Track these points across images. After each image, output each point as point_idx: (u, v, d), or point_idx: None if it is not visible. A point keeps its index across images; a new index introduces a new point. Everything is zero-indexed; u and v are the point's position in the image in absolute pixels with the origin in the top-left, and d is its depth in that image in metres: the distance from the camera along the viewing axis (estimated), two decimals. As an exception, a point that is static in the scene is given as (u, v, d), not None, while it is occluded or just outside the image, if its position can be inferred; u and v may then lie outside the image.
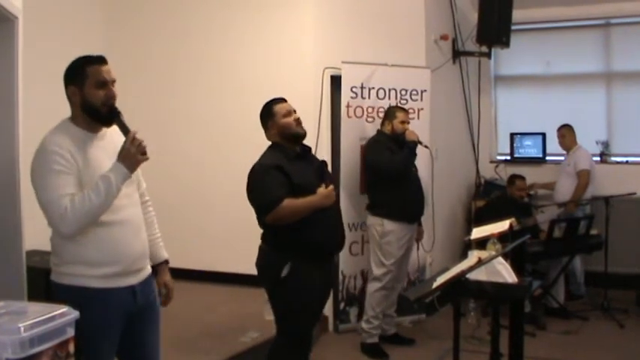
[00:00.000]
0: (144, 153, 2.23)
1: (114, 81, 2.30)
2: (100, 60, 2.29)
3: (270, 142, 3.22)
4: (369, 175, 4.58)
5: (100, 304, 2.23)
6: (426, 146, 4.51)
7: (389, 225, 4.39)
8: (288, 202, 2.94)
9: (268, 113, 3.17)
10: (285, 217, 2.96)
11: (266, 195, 2.97)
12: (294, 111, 3.17)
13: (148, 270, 2.45)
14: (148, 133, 2.34)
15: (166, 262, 2.61)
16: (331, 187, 3.06)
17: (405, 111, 4.57)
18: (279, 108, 3.15)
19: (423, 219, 4.71)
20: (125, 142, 2.23)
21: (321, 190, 3.02)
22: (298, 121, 3.15)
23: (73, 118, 2.31)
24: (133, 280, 2.33)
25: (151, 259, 2.52)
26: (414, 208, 4.51)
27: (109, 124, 2.32)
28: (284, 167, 3.00)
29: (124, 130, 2.27)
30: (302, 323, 3.13)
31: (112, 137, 2.35)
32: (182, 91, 5.65)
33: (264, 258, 3.13)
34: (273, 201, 2.94)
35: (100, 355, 2.27)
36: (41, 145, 2.22)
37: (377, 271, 4.47)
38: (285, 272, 2.98)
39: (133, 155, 2.21)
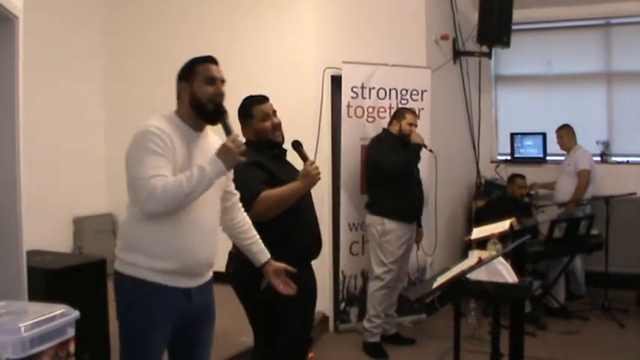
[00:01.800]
0: (242, 154, 2.25)
1: (223, 80, 2.34)
2: (210, 59, 2.37)
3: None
4: (371, 173, 4.58)
5: (154, 298, 2.20)
6: (430, 150, 4.52)
7: (389, 224, 4.40)
8: (267, 194, 2.80)
9: (245, 113, 2.96)
10: (266, 209, 2.79)
11: (244, 191, 2.70)
12: (274, 112, 2.96)
13: (209, 276, 2.41)
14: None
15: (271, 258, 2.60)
16: (309, 162, 2.87)
17: (415, 114, 4.59)
18: (257, 110, 2.93)
19: (424, 221, 4.73)
20: (227, 139, 2.25)
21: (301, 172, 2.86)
22: (276, 126, 2.94)
23: (179, 113, 2.34)
24: (191, 283, 2.29)
25: (257, 259, 2.55)
26: (414, 208, 4.52)
27: (213, 122, 2.34)
28: (264, 164, 2.86)
29: (227, 129, 2.29)
30: (287, 336, 2.90)
31: (212, 140, 2.39)
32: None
33: (235, 265, 2.84)
34: (251, 196, 2.76)
35: (150, 350, 2.24)
36: (142, 127, 2.22)
37: (378, 270, 4.48)
38: (263, 285, 2.68)
39: (232, 153, 2.22)
